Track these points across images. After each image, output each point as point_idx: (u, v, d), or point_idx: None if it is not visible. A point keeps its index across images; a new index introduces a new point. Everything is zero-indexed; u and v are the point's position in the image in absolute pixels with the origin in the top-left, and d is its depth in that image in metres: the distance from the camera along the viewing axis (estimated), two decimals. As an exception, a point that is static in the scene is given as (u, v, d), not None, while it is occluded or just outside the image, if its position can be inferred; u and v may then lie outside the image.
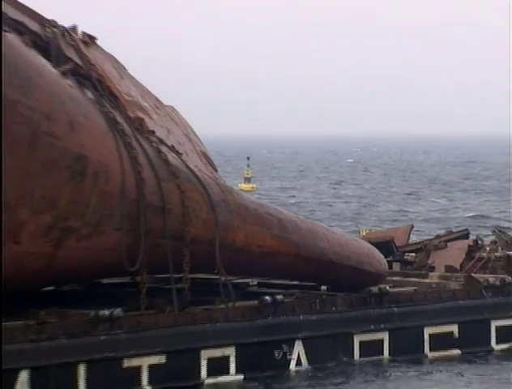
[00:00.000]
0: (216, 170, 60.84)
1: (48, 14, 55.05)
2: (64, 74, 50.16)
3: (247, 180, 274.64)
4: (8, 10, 49.65)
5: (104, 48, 59.20)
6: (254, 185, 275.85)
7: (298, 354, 52.83)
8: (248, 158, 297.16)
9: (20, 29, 49.77)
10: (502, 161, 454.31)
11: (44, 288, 52.73)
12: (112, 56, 58.32)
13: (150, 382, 48.26)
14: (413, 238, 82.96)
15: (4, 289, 46.87)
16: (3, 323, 45.05)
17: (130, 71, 59.99)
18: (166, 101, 62.99)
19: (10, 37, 47.22)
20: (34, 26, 51.44)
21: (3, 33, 47.98)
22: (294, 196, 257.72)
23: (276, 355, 52.19)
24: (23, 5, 52.91)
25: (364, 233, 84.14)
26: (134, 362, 47.78)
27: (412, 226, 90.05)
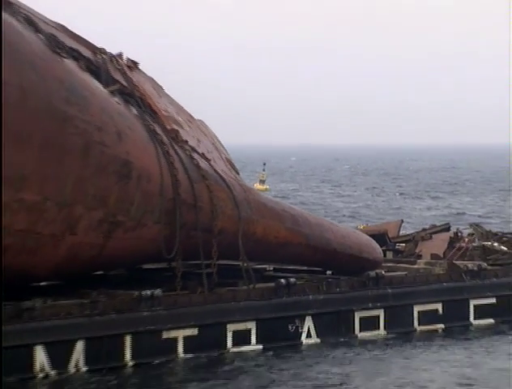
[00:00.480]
0: (238, 173, 62.40)
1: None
2: (112, 93, 52.19)
3: (262, 182, 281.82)
4: (66, 39, 51.62)
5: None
6: (268, 186, 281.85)
7: (308, 328, 54.77)
8: (264, 164, 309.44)
9: (76, 56, 51.33)
10: (476, 166, 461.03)
11: (95, 273, 55.00)
12: (152, 78, 60.05)
13: (184, 351, 50.18)
14: (403, 231, 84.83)
15: (63, 273, 51.29)
16: (61, 301, 48.60)
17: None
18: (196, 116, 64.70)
19: (68, 62, 49.53)
20: (87, 53, 53.11)
21: (63, 59, 50.57)
22: (302, 195, 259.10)
23: (290, 328, 54.25)
24: (78, 35, 55.08)
25: (361, 227, 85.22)
26: (172, 334, 49.75)
27: (402, 221, 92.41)
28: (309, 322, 54.94)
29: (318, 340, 55.02)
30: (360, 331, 57.05)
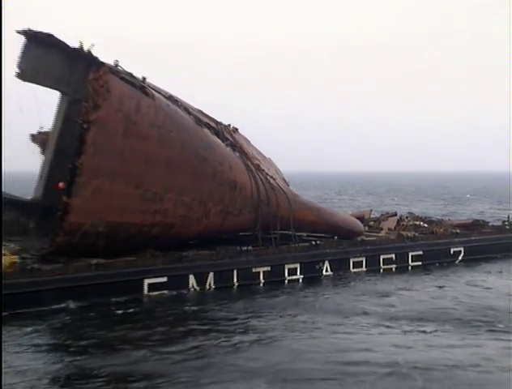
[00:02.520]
0: (288, 185, 66.13)
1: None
2: (226, 145, 57.90)
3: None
4: (202, 117, 57.19)
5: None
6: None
7: (326, 267, 59.28)
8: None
9: (207, 126, 56.84)
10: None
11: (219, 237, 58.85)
12: (244, 136, 64.19)
13: (264, 279, 54.88)
14: (373, 215, 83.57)
15: (202, 237, 56.03)
16: (201, 252, 52.40)
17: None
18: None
19: (204, 130, 55.66)
20: (213, 124, 58.35)
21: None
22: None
23: (317, 267, 59.00)
24: (208, 115, 59.56)
25: (351, 213, 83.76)
26: (257, 269, 54.95)
27: (371, 210, 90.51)
28: (326, 264, 59.24)
29: (331, 273, 59.24)
30: (353, 268, 61.10)
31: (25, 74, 46.95)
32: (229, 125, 60.83)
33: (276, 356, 33.03)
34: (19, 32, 46.62)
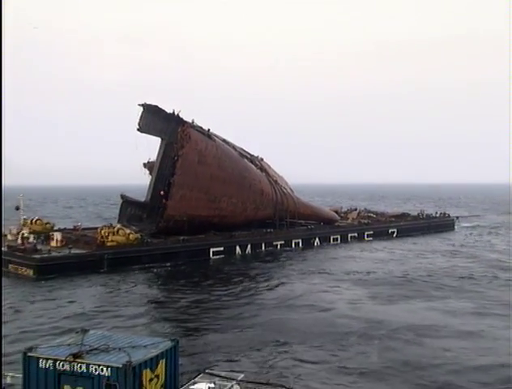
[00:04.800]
0: (293, 192, 65.09)
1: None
2: (257, 168, 58.14)
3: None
4: (242, 152, 57.41)
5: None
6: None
7: (317, 241, 59.56)
8: None
9: (245, 157, 57.63)
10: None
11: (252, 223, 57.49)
12: (267, 163, 63.37)
13: (280, 248, 54.34)
14: (344, 209, 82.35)
15: (244, 224, 54.25)
16: (242, 232, 52.89)
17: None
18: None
19: (244, 160, 55.66)
20: (248, 155, 59.09)
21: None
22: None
23: (311, 241, 58.99)
24: (245, 150, 59.07)
25: (330, 208, 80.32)
26: (275, 243, 54.50)
27: (342, 206, 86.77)
28: (317, 239, 59.91)
29: (320, 243, 59.55)
30: (332, 241, 61.38)
31: (142, 129, 50.48)
32: (258, 156, 62.08)
33: (290, 292, 34.69)
34: (139, 105, 50.00)
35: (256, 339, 23.70)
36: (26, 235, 45.16)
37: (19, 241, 44.41)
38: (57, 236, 45.41)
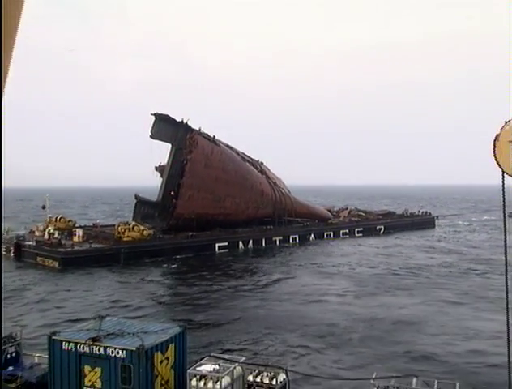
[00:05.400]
0: (290, 192, 64.36)
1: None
2: (257, 171, 57.88)
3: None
4: (245, 157, 56.70)
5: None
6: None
7: (312, 236, 58.53)
8: None
9: (247, 161, 57.09)
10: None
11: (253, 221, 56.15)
12: (266, 166, 62.42)
13: (279, 243, 53.51)
14: (335, 208, 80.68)
15: (246, 222, 53.77)
16: (245, 229, 52.62)
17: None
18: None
19: (246, 164, 55.01)
20: (250, 160, 58.32)
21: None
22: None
23: (307, 237, 58.08)
24: (247, 154, 58.88)
25: (324, 207, 77.86)
26: (275, 238, 54.05)
27: (334, 206, 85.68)
28: (312, 235, 59.16)
29: (315, 239, 58.75)
30: (326, 237, 60.77)
31: (154, 135, 50.24)
32: (258, 160, 61.50)
33: (286, 283, 34.75)
34: (152, 114, 49.85)
35: (257, 327, 23.63)
36: (51, 231, 46.30)
37: (46, 236, 45.37)
38: (79, 232, 46.25)
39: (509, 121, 4.49)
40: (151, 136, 49.49)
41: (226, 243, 49.71)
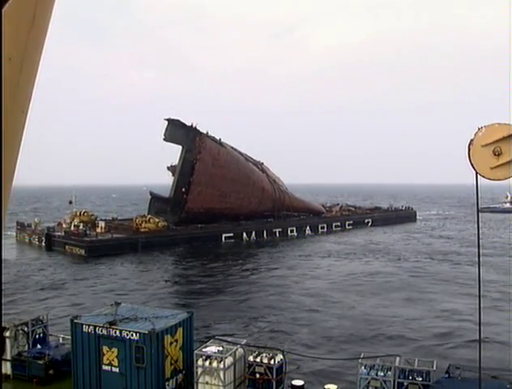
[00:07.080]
0: (288, 189, 62.77)
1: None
2: (259, 170, 56.57)
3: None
4: (248, 157, 55.42)
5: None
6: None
7: (308, 229, 57.41)
8: None
9: (251, 162, 55.91)
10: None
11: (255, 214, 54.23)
12: (267, 166, 60.67)
13: (278, 235, 52.16)
14: (328, 204, 79.11)
15: (249, 215, 52.93)
16: (247, 222, 51.65)
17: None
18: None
19: (249, 164, 53.87)
20: (252, 160, 57.08)
21: None
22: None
23: (303, 229, 56.30)
24: (249, 156, 57.28)
25: (318, 202, 77.59)
26: (275, 230, 52.46)
27: (327, 202, 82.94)
28: (308, 228, 58.02)
29: (310, 232, 57.68)
30: (320, 230, 59.27)
31: (167, 138, 49.28)
32: (259, 160, 60.41)
33: (284, 270, 34.49)
34: (165, 119, 49.09)
35: (258, 309, 23.52)
36: (77, 223, 46.83)
37: (72, 228, 45.93)
38: (101, 224, 46.89)
39: (481, 127, 4.59)
40: (164, 139, 49.07)
41: (231, 234, 49.40)
